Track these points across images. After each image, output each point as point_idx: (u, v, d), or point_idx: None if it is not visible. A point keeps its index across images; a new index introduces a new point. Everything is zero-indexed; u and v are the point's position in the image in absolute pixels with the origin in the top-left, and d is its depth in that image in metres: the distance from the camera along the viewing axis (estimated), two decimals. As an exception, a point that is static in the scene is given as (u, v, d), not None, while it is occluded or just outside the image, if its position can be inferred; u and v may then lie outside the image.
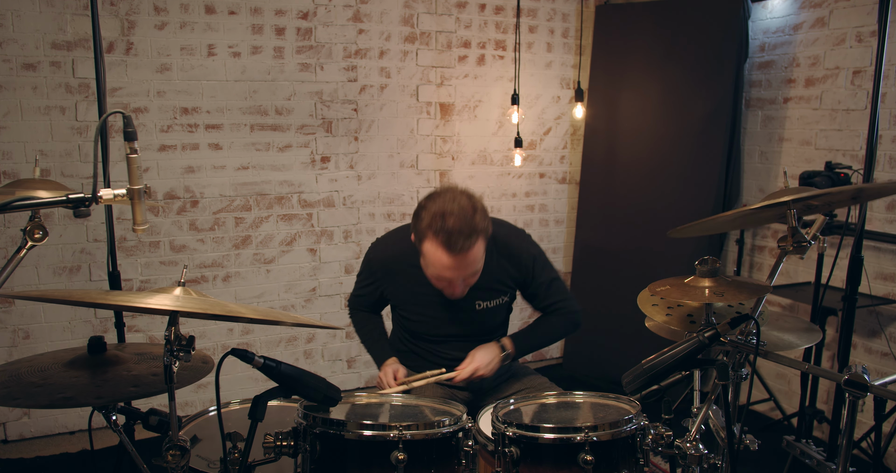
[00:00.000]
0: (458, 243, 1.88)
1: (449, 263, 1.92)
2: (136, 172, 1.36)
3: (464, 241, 1.88)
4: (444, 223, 1.88)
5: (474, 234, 1.90)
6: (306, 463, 1.51)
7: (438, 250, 1.91)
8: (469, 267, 1.96)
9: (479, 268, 2.00)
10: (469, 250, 1.90)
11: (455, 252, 1.89)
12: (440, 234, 1.89)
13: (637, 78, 3.87)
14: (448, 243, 1.88)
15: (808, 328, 1.89)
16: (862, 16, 3.09)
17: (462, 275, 1.97)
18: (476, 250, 1.93)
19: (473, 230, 1.90)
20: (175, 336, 1.32)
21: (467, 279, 2.01)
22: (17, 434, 3.28)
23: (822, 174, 3.00)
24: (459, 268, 1.94)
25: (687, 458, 1.59)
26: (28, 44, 3.05)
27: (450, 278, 1.98)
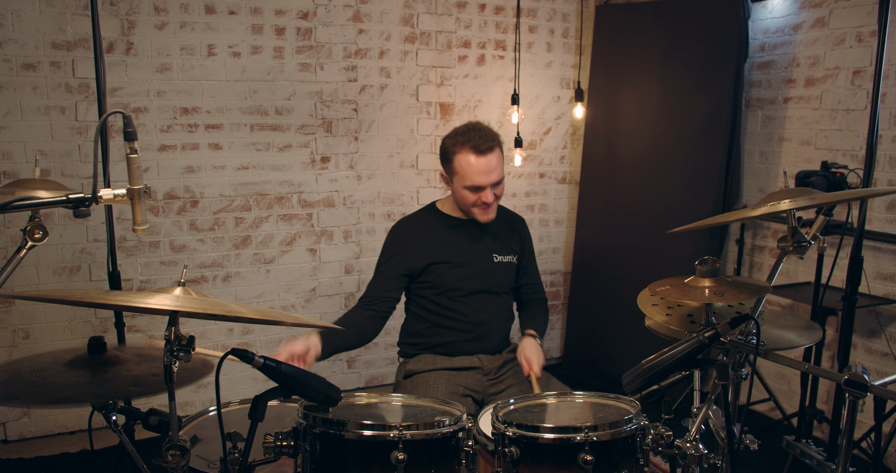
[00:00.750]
0: (483, 145, 2.22)
1: (479, 165, 2.22)
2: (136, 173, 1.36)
3: (488, 143, 2.23)
4: (468, 133, 2.26)
5: (494, 139, 2.27)
6: (306, 463, 1.51)
7: (469, 155, 2.23)
8: (495, 171, 2.25)
9: (502, 177, 2.30)
10: (491, 151, 2.24)
11: (482, 152, 2.22)
12: (467, 142, 2.24)
13: (637, 78, 3.87)
14: (475, 146, 2.22)
15: (809, 326, 1.89)
16: (862, 16, 3.09)
17: (491, 180, 2.25)
18: (497, 154, 2.26)
19: (493, 136, 2.27)
20: (175, 336, 1.32)
21: (495, 190, 2.29)
22: (17, 434, 3.28)
23: (819, 174, 3.01)
24: (488, 171, 2.23)
25: (687, 458, 1.59)
26: (28, 44, 3.05)
27: (483, 185, 2.24)
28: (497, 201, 2.34)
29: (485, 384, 2.33)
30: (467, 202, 2.31)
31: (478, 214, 2.33)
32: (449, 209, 2.44)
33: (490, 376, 2.35)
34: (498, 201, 2.35)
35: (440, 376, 2.29)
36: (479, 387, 2.32)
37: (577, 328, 4.23)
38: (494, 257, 2.42)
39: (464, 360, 2.35)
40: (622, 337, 3.88)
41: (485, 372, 2.35)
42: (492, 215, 2.35)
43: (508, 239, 2.47)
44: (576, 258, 4.20)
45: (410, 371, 2.36)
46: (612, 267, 3.98)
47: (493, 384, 2.34)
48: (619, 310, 3.87)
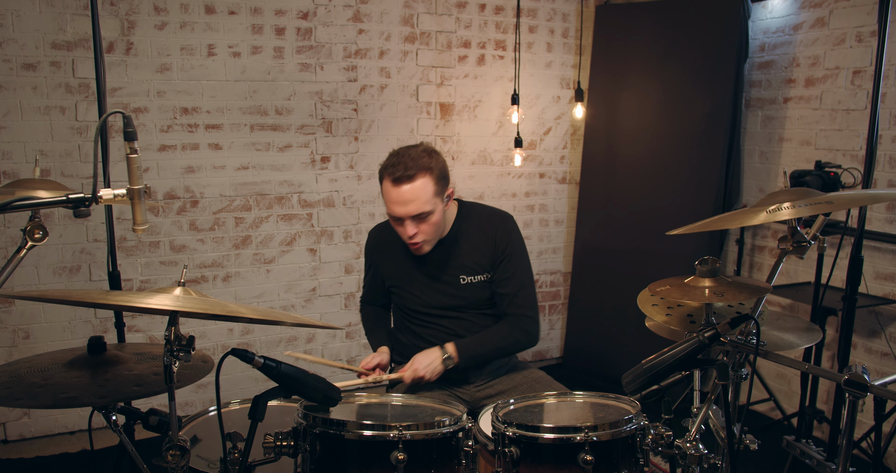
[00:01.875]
0: (398, 173, 2.06)
1: (394, 195, 2.07)
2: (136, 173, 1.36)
3: (405, 171, 2.06)
4: (392, 159, 2.11)
5: (418, 168, 2.07)
6: (306, 463, 1.51)
7: (386, 184, 2.09)
8: (412, 203, 2.07)
9: (428, 211, 2.10)
10: (410, 180, 2.05)
11: (396, 182, 2.06)
12: (387, 168, 2.10)
13: (637, 78, 3.87)
14: (392, 174, 2.07)
15: (808, 328, 1.89)
16: (862, 16, 3.09)
17: (407, 211, 2.08)
18: (418, 184, 2.06)
19: (417, 165, 2.07)
20: (175, 336, 1.32)
21: (420, 225, 2.11)
22: (17, 434, 3.28)
23: (813, 174, 3.03)
24: (404, 202, 2.07)
25: (687, 458, 1.59)
26: (28, 44, 3.05)
27: (399, 216, 2.09)
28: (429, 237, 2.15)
29: (472, 390, 2.29)
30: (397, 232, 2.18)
31: (411, 248, 2.19)
32: None
33: (477, 383, 2.30)
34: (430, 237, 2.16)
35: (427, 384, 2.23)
36: (467, 395, 2.28)
37: (577, 328, 4.23)
38: (461, 279, 2.25)
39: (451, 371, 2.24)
40: (622, 337, 3.88)
41: (472, 381, 2.29)
42: (424, 250, 2.18)
43: (480, 256, 2.26)
44: (576, 258, 4.20)
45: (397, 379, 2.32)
46: (612, 267, 3.97)
47: (480, 389, 2.29)
48: (619, 310, 3.87)
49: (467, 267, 2.26)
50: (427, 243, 2.18)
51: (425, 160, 2.09)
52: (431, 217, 2.11)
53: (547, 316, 4.40)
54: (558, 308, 4.42)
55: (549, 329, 4.43)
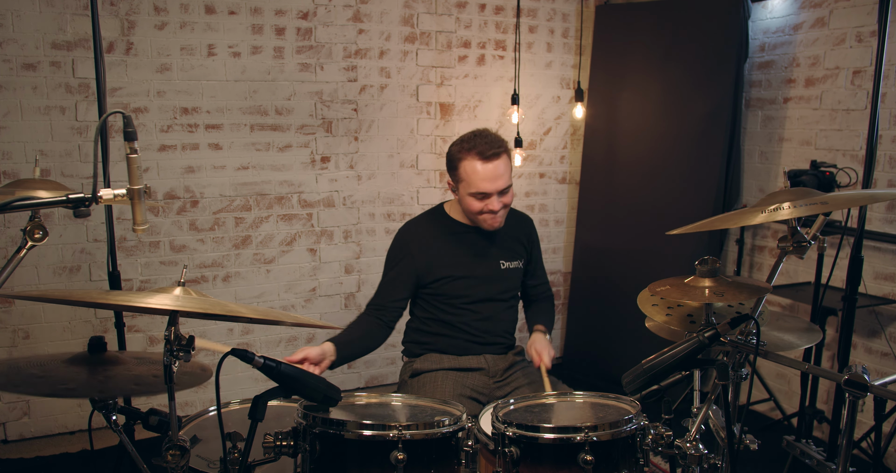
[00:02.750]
0: (488, 151, 2.18)
1: (484, 172, 2.18)
2: (136, 173, 1.36)
3: (494, 149, 2.19)
4: (473, 140, 2.22)
5: (501, 145, 2.22)
6: (306, 463, 1.51)
7: (474, 161, 2.20)
8: (501, 178, 2.21)
9: (510, 184, 2.25)
10: (499, 157, 2.20)
11: (487, 158, 2.18)
12: (472, 148, 2.20)
13: (637, 78, 3.87)
14: (481, 152, 2.19)
15: (809, 328, 1.89)
16: (862, 16, 3.09)
17: (497, 187, 2.21)
18: (504, 160, 2.22)
19: (499, 142, 2.23)
20: (175, 336, 1.32)
21: (502, 197, 2.24)
22: (17, 434, 3.28)
23: (809, 173, 3.04)
24: (494, 178, 2.19)
25: (687, 458, 1.59)
26: (28, 44, 3.05)
27: (489, 192, 2.20)
28: (506, 209, 2.30)
29: (491, 385, 2.33)
30: (473, 210, 2.27)
31: (484, 222, 2.29)
32: (457, 214, 2.40)
33: (496, 378, 2.35)
34: (507, 209, 2.31)
35: (447, 376, 2.28)
36: (485, 389, 2.31)
37: (577, 328, 4.23)
38: (502, 263, 2.40)
39: (470, 360, 2.35)
40: (622, 337, 3.88)
41: (490, 374, 2.34)
42: (499, 223, 2.30)
43: (516, 243, 2.44)
44: (576, 258, 4.20)
45: (417, 370, 2.35)
46: (612, 267, 3.98)
47: (499, 386, 2.34)
48: (619, 310, 3.87)
49: (506, 253, 2.41)
50: (504, 216, 2.32)
51: (502, 140, 2.26)
52: (511, 189, 2.29)
53: (547, 316, 4.40)
54: (558, 308, 4.42)
55: (549, 329, 4.43)
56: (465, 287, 2.35)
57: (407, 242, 2.38)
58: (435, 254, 2.35)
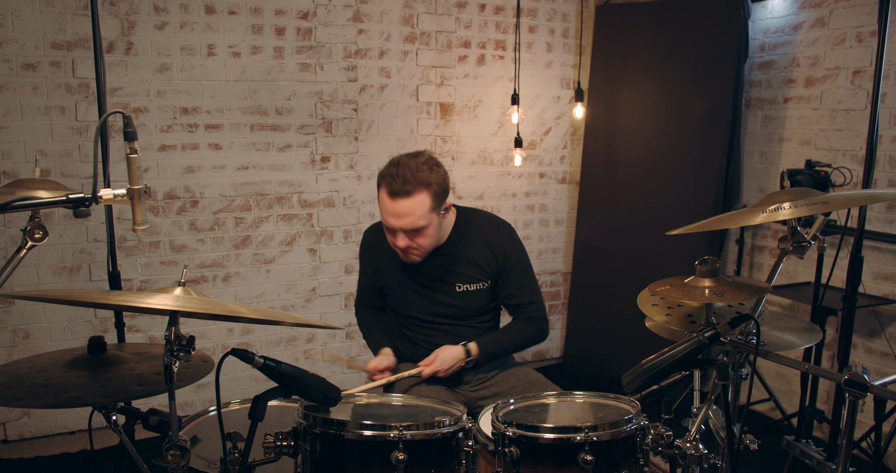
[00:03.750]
0: (395, 185, 2.02)
1: (388, 206, 2.05)
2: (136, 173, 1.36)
3: (403, 185, 2.01)
4: (392, 169, 2.05)
5: (416, 183, 2.02)
6: (306, 463, 1.51)
7: (383, 193, 2.07)
8: (406, 217, 2.04)
9: (423, 226, 2.07)
10: (407, 195, 2.02)
11: (392, 195, 2.03)
12: (385, 178, 2.06)
13: (637, 78, 3.87)
14: (390, 185, 2.03)
15: (809, 328, 1.89)
16: (862, 16, 3.09)
17: (401, 225, 2.06)
18: (416, 201, 2.03)
19: (416, 180, 2.02)
20: (175, 336, 1.32)
21: (413, 238, 2.09)
22: (17, 434, 3.28)
23: (804, 173, 3.05)
24: (398, 215, 2.04)
25: (687, 458, 1.59)
26: (28, 44, 3.05)
27: (392, 227, 2.08)
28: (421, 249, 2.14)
29: (467, 390, 2.29)
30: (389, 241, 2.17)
31: (401, 256, 2.18)
32: None
33: (472, 384, 2.30)
34: (422, 248, 2.14)
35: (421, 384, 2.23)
36: (462, 396, 2.27)
37: (577, 328, 4.23)
38: (457, 286, 2.24)
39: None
40: (622, 337, 3.88)
41: (465, 381, 2.29)
42: (415, 259, 2.17)
43: (479, 264, 2.23)
44: (576, 258, 4.20)
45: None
46: (612, 267, 3.98)
47: (475, 390, 2.29)
48: (619, 310, 3.86)
49: (464, 275, 2.24)
50: (419, 254, 2.16)
51: (425, 174, 2.04)
52: (426, 231, 2.09)
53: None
54: (558, 308, 4.42)
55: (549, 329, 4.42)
56: (416, 309, 2.28)
57: (365, 250, 2.38)
58: (389, 269, 2.29)
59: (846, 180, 3.11)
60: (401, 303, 2.32)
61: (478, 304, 2.28)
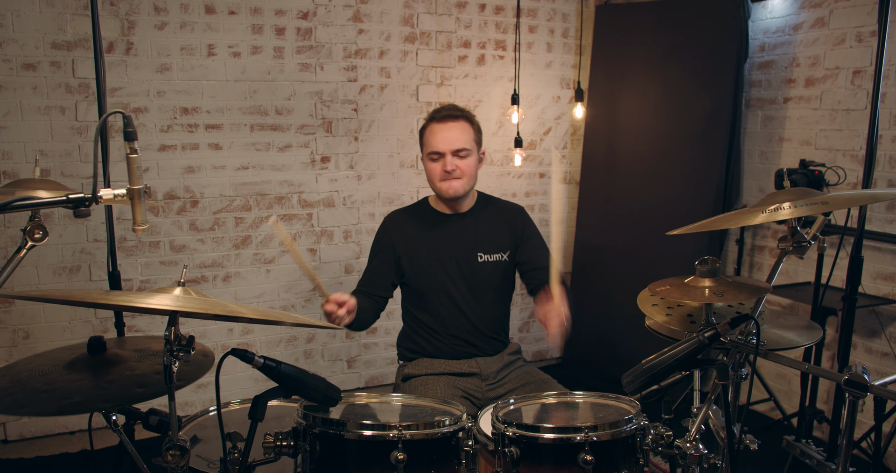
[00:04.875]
0: (443, 113, 2.29)
1: (438, 130, 2.27)
2: (136, 173, 1.36)
3: (449, 112, 2.30)
4: (437, 111, 2.34)
5: (459, 112, 2.31)
6: (306, 463, 1.51)
7: (432, 125, 2.30)
8: (456, 140, 2.26)
9: (469, 149, 2.28)
10: (454, 120, 2.28)
11: (440, 120, 2.28)
12: (433, 117, 2.32)
13: (637, 78, 3.87)
14: (436, 115, 2.31)
15: (809, 326, 1.89)
16: (862, 16, 3.09)
17: (449, 146, 2.25)
18: (461, 124, 2.29)
19: (459, 110, 2.32)
20: (175, 336, 1.32)
21: (458, 163, 2.26)
22: (17, 434, 3.28)
23: (798, 172, 3.06)
24: (446, 137, 2.26)
25: (687, 458, 1.59)
26: (28, 44, 3.05)
27: (441, 150, 2.26)
28: (462, 179, 2.28)
29: (484, 389, 2.31)
30: (432, 175, 2.32)
31: (442, 188, 2.30)
32: (437, 204, 2.42)
33: (489, 381, 2.32)
34: (465, 177, 2.28)
35: (438, 380, 2.28)
36: (478, 393, 2.30)
37: (576, 327, 4.19)
38: (479, 256, 2.36)
39: (462, 364, 2.33)
40: (622, 337, 3.88)
41: (483, 377, 2.32)
42: (457, 188, 2.29)
43: (498, 236, 2.39)
44: (576, 258, 4.20)
45: (408, 375, 2.35)
46: (612, 267, 3.97)
47: (492, 388, 2.32)
48: (619, 310, 3.86)
49: (485, 245, 2.37)
50: (461, 182, 2.30)
51: (468, 111, 2.33)
52: (469, 158, 2.29)
53: (547, 316, 4.40)
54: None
55: (549, 329, 4.42)
56: (439, 278, 2.34)
57: (388, 229, 2.43)
58: (412, 243, 2.37)
59: (840, 180, 3.13)
60: (422, 275, 2.35)
61: (496, 277, 2.38)
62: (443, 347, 2.35)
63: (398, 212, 2.49)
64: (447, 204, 2.38)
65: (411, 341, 2.42)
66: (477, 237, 2.37)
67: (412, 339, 2.42)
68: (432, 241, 2.36)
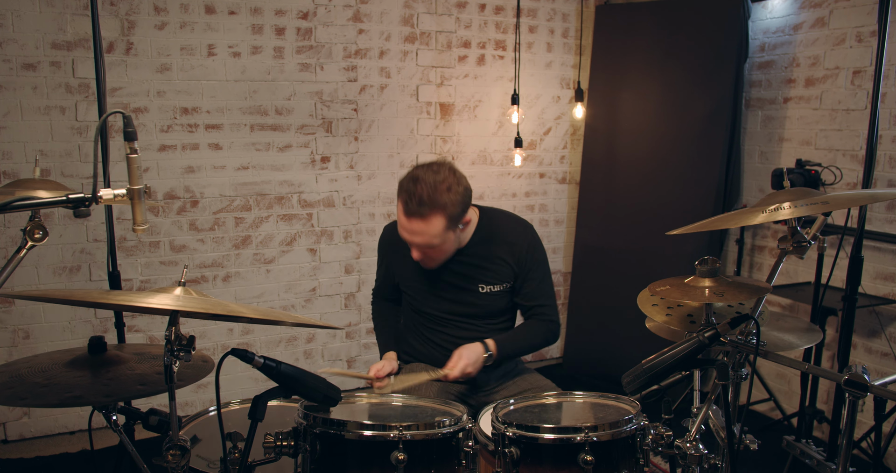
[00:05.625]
0: (411, 207, 2.00)
1: (403, 223, 2.05)
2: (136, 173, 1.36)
3: (418, 207, 1.99)
4: (410, 185, 2.02)
5: (432, 206, 1.99)
6: (306, 463, 1.51)
7: (399, 207, 2.05)
8: (420, 236, 2.04)
9: (436, 244, 2.07)
10: (422, 217, 2.00)
11: (408, 214, 2.02)
12: (403, 193, 2.03)
13: (637, 78, 3.87)
14: (406, 203, 2.02)
15: (809, 328, 1.89)
16: (862, 16, 3.09)
17: (415, 241, 2.07)
18: (430, 223, 2.01)
19: (433, 203, 1.99)
20: (175, 336, 1.32)
21: (426, 251, 2.10)
22: (17, 434, 3.28)
23: (795, 172, 3.06)
24: (412, 233, 2.05)
25: (687, 458, 1.59)
26: (28, 44, 3.05)
27: (407, 240, 2.09)
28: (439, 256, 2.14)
29: (480, 397, 2.27)
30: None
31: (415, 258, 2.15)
32: None
33: (482, 389, 2.29)
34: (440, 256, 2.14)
35: (431, 385, 2.21)
36: (472, 400, 2.26)
37: (577, 328, 4.23)
38: (480, 287, 2.22)
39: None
40: (622, 337, 3.88)
41: (478, 385, 2.28)
42: (430, 266, 2.18)
43: (501, 266, 2.23)
44: (576, 258, 4.20)
45: None
46: (612, 267, 3.98)
47: (488, 395, 2.28)
48: (619, 310, 3.86)
49: (488, 277, 2.22)
50: (435, 263, 2.17)
51: (442, 197, 1.99)
52: (440, 247, 2.09)
53: (547, 316, 4.40)
54: (558, 308, 4.42)
55: (549, 329, 4.43)
56: (437, 309, 2.27)
57: (385, 246, 2.35)
58: (410, 269, 2.27)
59: (836, 179, 3.14)
60: (420, 302, 2.31)
61: (499, 305, 2.27)
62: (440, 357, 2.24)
63: (392, 225, 2.32)
64: None
65: (408, 345, 2.38)
66: (479, 270, 2.23)
67: (409, 344, 2.38)
68: (430, 273, 2.23)
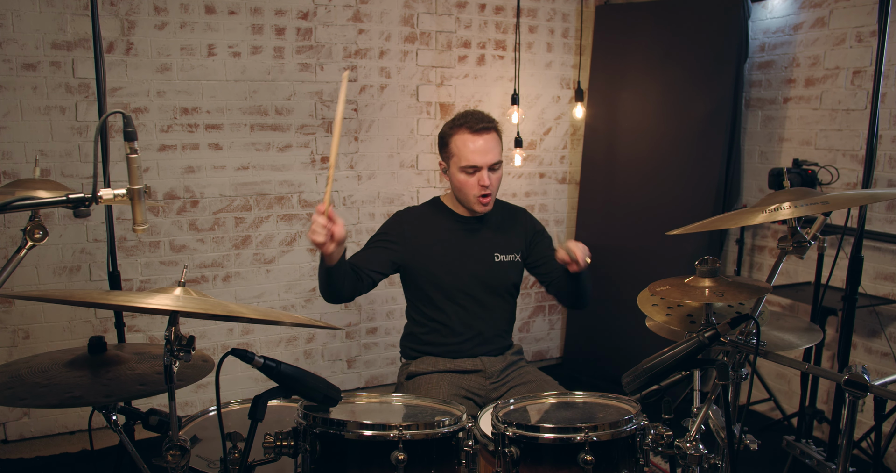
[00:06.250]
0: (478, 124, 2.21)
1: (475, 144, 2.21)
2: (136, 173, 1.36)
3: (486, 122, 2.23)
4: (465, 116, 2.25)
5: (491, 121, 2.25)
6: (306, 463, 1.51)
7: (465, 135, 2.22)
8: (491, 152, 2.22)
9: (500, 160, 2.26)
10: (489, 131, 2.23)
11: (478, 131, 2.21)
12: (464, 123, 2.23)
13: (637, 78, 3.87)
14: (471, 125, 2.22)
15: (809, 328, 1.89)
16: (862, 16, 3.09)
17: (487, 160, 2.21)
18: (494, 136, 2.25)
19: (490, 119, 2.26)
20: (175, 336, 1.32)
21: (492, 174, 2.23)
22: (17, 434, 3.28)
23: (792, 171, 3.06)
24: (484, 151, 2.21)
25: (687, 458, 1.59)
26: (28, 44, 3.05)
27: (479, 165, 2.21)
28: (495, 192, 2.29)
29: (487, 387, 2.32)
30: (465, 188, 2.25)
31: (476, 201, 2.26)
32: (452, 204, 2.40)
33: (493, 379, 2.33)
34: (495, 191, 2.29)
35: (442, 378, 2.28)
36: (481, 391, 2.30)
37: (577, 328, 4.23)
38: (496, 256, 2.37)
39: (466, 363, 2.34)
40: (622, 337, 3.88)
41: (487, 375, 2.33)
42: (490, 205, 2.30)
43: (512, 236, 2.40)
44: (576, 258, 4.19)
45: (413, 373, 2.35)
46: (612, 267, 3.97)
47: (495, 387, 2.32)
48: (619, 310, 3.86)
49: (502, 246, 2.37)
50: (492, 198, 2.29)
51: (492, 118, 2.27)
52: (500, 170, 2.27)
53: (547, 316, 4.41)
54: (558, 308, 4.42)
55: (549, 329, 4.43)
56: (456, 277, 2.33)
57: (403, 223, 2.37)
58: (429, 241, 2.34)
59: (833, 179, 3.15)
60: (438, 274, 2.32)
61: (510, 278, 2.39)
62: (450, 345, 2.35)
63: (414, 210, 2.44)
64: (467, 209, 2.35)
65: (417, 339, 2.42)
66: (494, 238, 2.38)
67: (418, 338, 2.41)
68: (450, 241, 2.35)
